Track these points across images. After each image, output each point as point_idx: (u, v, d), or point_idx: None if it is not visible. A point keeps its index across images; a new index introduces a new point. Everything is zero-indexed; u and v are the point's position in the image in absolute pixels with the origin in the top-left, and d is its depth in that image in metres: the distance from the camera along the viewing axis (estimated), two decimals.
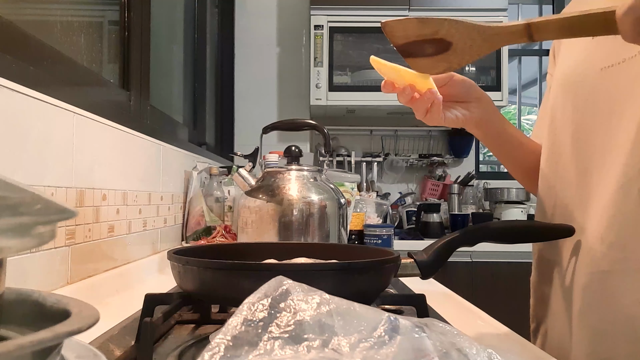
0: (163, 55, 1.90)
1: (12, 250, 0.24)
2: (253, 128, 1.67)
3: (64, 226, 0.82)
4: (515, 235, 0.77)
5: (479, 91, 0.80)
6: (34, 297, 0.32)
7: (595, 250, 0.69)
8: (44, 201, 0.26)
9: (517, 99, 3.59)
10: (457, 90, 0.79)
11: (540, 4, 3.53)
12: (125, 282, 1.05)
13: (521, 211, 2.70)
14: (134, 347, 0.58)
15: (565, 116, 0.78)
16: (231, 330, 0.36)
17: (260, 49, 2.96)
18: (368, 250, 0.78)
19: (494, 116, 0.82)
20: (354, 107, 2.68)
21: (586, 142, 0.73)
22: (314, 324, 0.37)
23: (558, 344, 0.77)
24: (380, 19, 0.68)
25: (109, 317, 0.70)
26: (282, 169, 1.17)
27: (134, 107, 1.32)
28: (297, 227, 1.10)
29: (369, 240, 1.68)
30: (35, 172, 0.74)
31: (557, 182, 0.80)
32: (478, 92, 0.80)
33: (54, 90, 0.80)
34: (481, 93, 0.81)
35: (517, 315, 1.04)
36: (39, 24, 1.01)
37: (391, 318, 0.40)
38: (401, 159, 3.02)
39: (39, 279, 0.75)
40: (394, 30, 0.64)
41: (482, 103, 0.80)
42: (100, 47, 1.27)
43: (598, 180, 0.70)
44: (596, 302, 0.69)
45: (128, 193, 1.10)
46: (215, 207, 1.61)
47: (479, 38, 0.60)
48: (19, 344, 0.21)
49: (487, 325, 0.83)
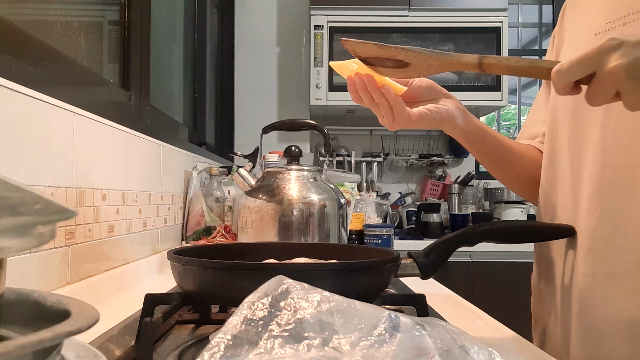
0: (163, 55, 1.90)
1: (12, 250, 0.24)
2: (253, 128, 1.67)
3: (64, 226, 0.82)
4: (515, 235, 0.77)
5: (443, 89, 0.81)
6: (34, 297, 0.32)
7: (597, 251, 0.69)
8: (44, 201, 0.26)
9: (517, 99, 3.59)
10: (419, 92, 0.79)
11: (540, 4, 3.53)
12: (125, 282, 1.05)
13: (521, 211, 2.70)
14: (134, 347, 0.59)
15: (565, 116, 0.78)
16: (231, 330, 0.36)
17: (260, 49, 2.96)
18: (368, 250, 0.78)
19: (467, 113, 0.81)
20: (354, 107, 2.68)
21: (581, 140, 0.73)
22: (314, 323, 0.37)
23: (558, 344, 0.77)
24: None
25: (109, 317, 0.70)
26: (282, 169, 1.17)
27: (134, 107, 1.32)
28: (297, 227, 1.10)
29: (369, 240, 1.68)
30: (35, 172, 0.74)
31: (556, 181, 0.80)
32: (442, 90, 0.80)
33: (54, 90, 0.80)
34: (446, 91, 0.81)
35: (517, 315, 1.04)
36: (39, 24, 1.01)
37: (392, 316, 0.40)
38: (401, 159, 3.02)
39: (39, 279, 0.75)
40: (355, 48, 0.69)
41: (452, 99, 0.80)
42: (100, 47, 1.27)
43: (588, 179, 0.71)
44: (596, 303, 0.69)
45: (128, 193, 1.10)
46: (215, 207, 1.61)
47: (435, 63, 0.66)
48: (19, 344, 0.21)
49: (487, 325, 0.83)
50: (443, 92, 0.80)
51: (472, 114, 0.83)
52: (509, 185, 0.94)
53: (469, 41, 2.60)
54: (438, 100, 0.79)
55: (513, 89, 3.50)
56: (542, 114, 0.88)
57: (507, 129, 4.62)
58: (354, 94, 0.75)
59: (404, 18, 2.61)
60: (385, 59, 0.68)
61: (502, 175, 0.91)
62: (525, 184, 0.89)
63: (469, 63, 0.64)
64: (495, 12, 2.61)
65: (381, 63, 0.69)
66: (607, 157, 0.68)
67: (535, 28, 3.62)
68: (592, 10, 0.77)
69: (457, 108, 0.79)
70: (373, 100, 0.74)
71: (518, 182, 0.91)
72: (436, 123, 0.78)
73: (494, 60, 0.62)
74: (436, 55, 0.65)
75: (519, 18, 3.54)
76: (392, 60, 0.68)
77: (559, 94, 0.57)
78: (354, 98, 0.76)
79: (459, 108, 0.80)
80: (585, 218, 0.71)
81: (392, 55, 0.67)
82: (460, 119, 0.80)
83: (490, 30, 2.60)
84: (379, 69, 0.71)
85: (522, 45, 3.66)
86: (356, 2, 2.60)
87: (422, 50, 0.66)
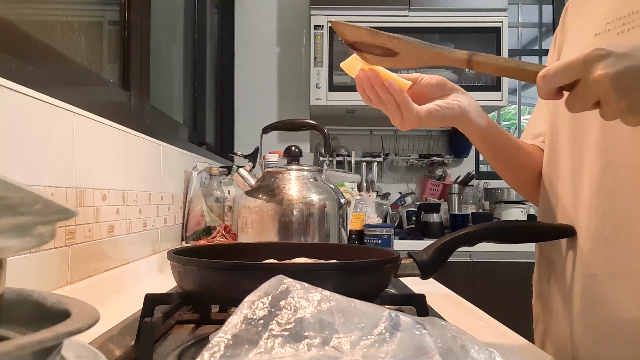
0: (163, 55, 1.90)
1: (12, 250, 0.24)
2: (253, 128, 1.67)
3: (64, 226, 0.82)
4: (515, 235, 0.76)
5: (455, 85, 0.78)
6: (34, 297, 0.32)
7: (598, 252, 0.69)
8: (44, 201, 0.26)
9: (517, 99, 3.59)
10: (429, 89, 0.76)
11: (540, 4, 3.53)
12: (125, 282, 1.05)
13: (521, 211, 2.70)
14: (134, 347, 0.58)
15: (565, 115, 0.78)
16: (231, 329, 0.36)
17: (260, 49, 2.96)
18: (368, 250, 0.78)
19: (481, 110, 0.79)
20: (354, 107, 2.68)
21: (582, 139, 0.73)
22: (314, 322, 0.37)
23: (559, 345, 0.77)
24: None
25: (109, 317, 0.70)
26: (282, 169, 1.17)
27: (134, 107, 1.32)
28: (297, 227, 1.10)
29: (369, 240, 1.68)
30: (35, 172, 0.74)
31: (557, 181, 0.80)
32: (454, 86, 0.78)
33: (54, 90, 0.80)
34: (458, 87, 0.78)
35: (517, 315, 1.04)
36: (39, 24, 1.01)
37: (392, 315, 0.40)
38: (401, 159, 3.02)
39: (39, 279, 0.75)
40: (344, 31, 0.68)
41: (464, 95, 0.78)
42: (100, 47, 1.27)
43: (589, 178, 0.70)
44: (597, 304, 0.69)
45: (128, 193, 1.10)
46: (215, 207, 1.61)
47: (425, 55, 0.65)
48: (19, 344, 0.21)
49: (487, 325, 0.83)
50: (455, 88, 0.77)
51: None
52: (515, 185, 0.93)
53: (469, 41, 2.60)
54: (448, 97, 0.76)
55: (513, 89, 3.50)
56: (545, 113, 0.88)
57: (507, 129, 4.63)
58: (362, 93, 0.74)
59: (404, 18, 2.60)
60: (374, 45, 0.67)
61: (510, 174, 0.89)
62: (530, 184, 0.89)
63: (459, 59, 0.63)
64: (495, 12, 2.61)
65: (369, 50, 0.68)
66: (608, 157, 0.68)
67: (535, 28, 3.62)
68: (593, 10, 0.77)
69: (471, 104, 0.77)
70: (380, 98, 0.72)
71: (524, 182, 0.90)
72: (448, 120, 0.75)
73: (483, 58, 0.62)
74: (426, 48, 0.65)
75: (519, 18, 3.54)
76: (381, 48, 0.67)
77: (542, 98, 0.57)
78: (363, 98, 0.74)
79: (472, 104, 0.77)
80: (586, 218, 0.70)
81: (382, 43, 0.66)
82: (474, 115, 0.77)
83: (490, 30, 2.60)
84: (365, 56, 0.69)
85: (522, 45, 3.66)
86: (356, 2, 2.60)
87: (413, 41, 0.65)
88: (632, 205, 0.65)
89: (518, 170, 0.88)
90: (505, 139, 0.84)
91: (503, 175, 0.89)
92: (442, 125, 0.77)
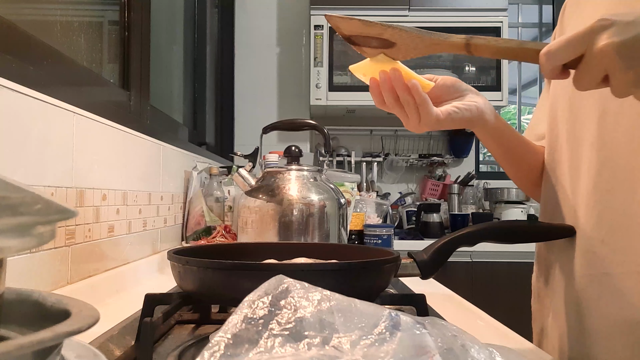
0: (163, 55, 1.90)
1: (12, 250, 0.24)
2: (253, 128, 1.67)
3: (64, 226, 0.82)
4: (515, 235, 0.76)
5: (469, 86, 0.77)
6: (34, 297, 0.32)
7: (594, 252, 0.69)
8: (44, 201, 0.26)
9: (517, 99, 3.59)
10: (444, 90, 0.75)
11: (540, 4, 3.53)
12: (125, 282, 1.05)
13: (521, 211, 2.70)
14: (134, 347, 0.59)
15: (564, 115, 0.78)
16: (231, 328, 0.36)
17: (260, 49, 2.96)
18: (368, 250, 0.78)
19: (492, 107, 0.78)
20: (354, 107, 2.68)
21: (578, 138, 0.73)
22: (314, 321, 0.37)
23: (555, 344, 0.77)
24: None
25: (109, 317, 0.70)
26: (282, 169, 1.17)
27: (134, 107, 1.32)
28: (297, 227, 1.10)
29: (369, 240, 1.68)
30: (35, 172, 0.74)
31: (556, 180, 0.80)
32: (468, 87, 0.77)
33: (54, 90, 0.80)
34: (472, 87, 0.77)
35: (517, 315, 1.04)
36: (39, 24, 1.01)
37: (392, 314, 0.40)
38: (401, 159, 3.02)
39: (39, 279, 0.75)
40: (339, 24, 0.66)
41: (479, 95, 0.77)
42: (100, 47, 1.27)
43: (586, 178, 0.70)
44: (593, 304, 0.69)
45: (128, 193, 1.10)
46: (215, 207, 1.61)
47: (421, 44, 0.64)
48: (19, 344, 0.21)
49: (487, 325, 0.83)
50: (469, 89, 0.75)
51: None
52: (523, 184, 0.92)
53: None
54: (464, 97, 0.74)
55: (513, 89, 3.50)
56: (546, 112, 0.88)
57: None
58: (377, 97, 0.70)
59: (404, 18, 2.61)
60: (370, 37, 0.65)
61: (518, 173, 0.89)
62: (537, 183, 0.89)
63: (456, 44, 0.61)
64: (495, 12, 2.61)
65: (366, 43, 0.66)
66: (605, 157, 0.68)
67: (535, 28, 3.61)
68: (591, 10, 0.77)
69: (486, 104, 0.75)
70: (397, 100, 0.69)
71: (531, 181, 0.89)
72: (466, 122, 0.73)
73: (482, 41, 0.59)
74: (422, 35, 0.62)
75: (519, 18, 3.54)
76: (377, 40, 0.65)
77: (547, 77, 0.55)
78: (377, 102, 0.71)
79: (487, 104, 0.75)
80: (584, 218, 0.70)
81: (377, 34, 0.64)
82: (490, 115, 0.75)
83: (490, 30, 2.59)
84: (363, 49, 0.67)
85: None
86: (356, 2, 2.60)
87: (408, 29, 0.63)
88: (629, 205, 0.65)
89: (527, 170, 0.88)
90: (517, 138, 0.83)
91: (511, 174, 0.89)
92: (459, 127, 0.75)
